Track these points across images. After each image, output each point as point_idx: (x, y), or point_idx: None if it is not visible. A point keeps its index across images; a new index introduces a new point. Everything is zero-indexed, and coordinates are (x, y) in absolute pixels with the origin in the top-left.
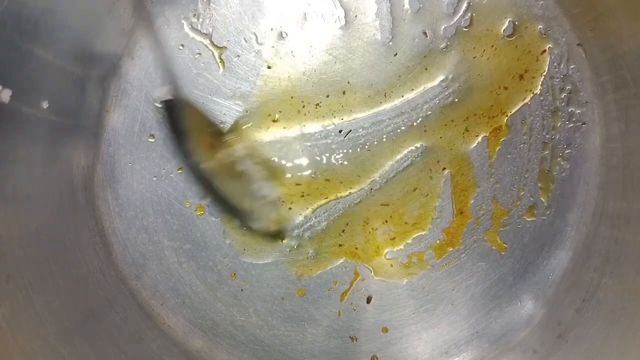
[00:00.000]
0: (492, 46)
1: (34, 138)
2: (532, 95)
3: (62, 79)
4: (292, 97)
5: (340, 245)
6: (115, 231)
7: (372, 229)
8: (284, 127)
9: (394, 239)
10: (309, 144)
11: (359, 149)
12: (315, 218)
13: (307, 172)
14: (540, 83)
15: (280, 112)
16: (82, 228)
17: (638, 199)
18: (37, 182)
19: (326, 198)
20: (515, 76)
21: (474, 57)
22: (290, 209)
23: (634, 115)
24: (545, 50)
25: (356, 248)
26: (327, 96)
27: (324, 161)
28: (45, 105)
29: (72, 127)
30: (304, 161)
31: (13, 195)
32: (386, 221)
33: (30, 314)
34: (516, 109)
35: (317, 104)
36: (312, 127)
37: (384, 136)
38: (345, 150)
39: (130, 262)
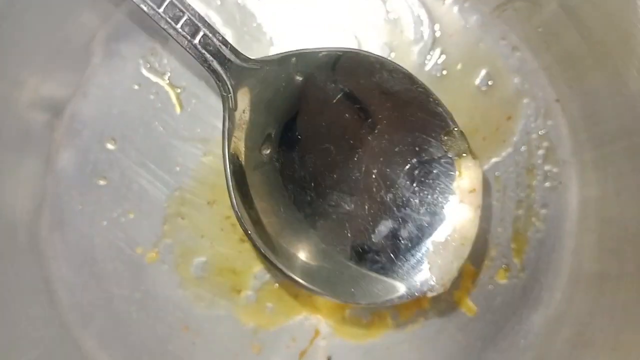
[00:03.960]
0: (466, 98)
1: None
2: (505, 150)
3: (8, 114)
4: None
5: (296, 296)
6: (62, 277)
7: None
8: None
9: None
10: None
11: None
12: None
13: None
14: (515, 138)
15: None
16: (23, 274)
17: (613, 267)
18: None
19: None
20: (487, 130)
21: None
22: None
23: (611, 178)
24: (510, 117)
25: (310, 295)
26: None
27: None
28: None
29: (18, 166)
30: None
31: None
32: None
33: None
34: (489, 164)
35: None
36: None
37: None
38: None
39: (76, 310)
